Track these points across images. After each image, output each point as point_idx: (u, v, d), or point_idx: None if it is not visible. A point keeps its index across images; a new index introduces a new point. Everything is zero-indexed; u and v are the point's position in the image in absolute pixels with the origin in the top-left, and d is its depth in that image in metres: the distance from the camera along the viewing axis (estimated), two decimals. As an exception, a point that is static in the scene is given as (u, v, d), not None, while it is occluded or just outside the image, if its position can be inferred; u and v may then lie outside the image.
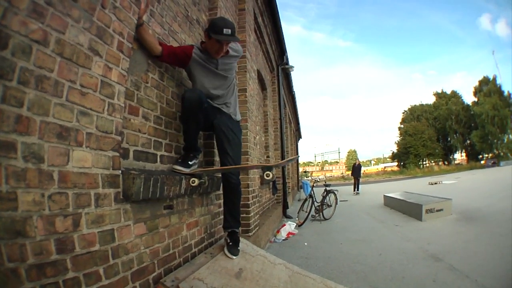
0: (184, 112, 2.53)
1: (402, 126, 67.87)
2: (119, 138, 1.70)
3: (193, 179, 2.48)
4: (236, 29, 2.63)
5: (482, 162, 49.61)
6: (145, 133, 2.25)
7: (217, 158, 3.40)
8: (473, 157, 56.31)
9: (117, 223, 1.65)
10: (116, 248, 1.61)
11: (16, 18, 1.12)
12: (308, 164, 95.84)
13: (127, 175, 1.72)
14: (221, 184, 2.89)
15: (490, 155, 51.75)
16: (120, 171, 1.69)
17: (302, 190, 16.34)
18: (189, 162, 2.59)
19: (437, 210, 7.29)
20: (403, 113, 71.43)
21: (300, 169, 31.44)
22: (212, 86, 2.72)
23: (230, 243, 2.78)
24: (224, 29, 2.42)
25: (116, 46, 1.70)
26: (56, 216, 1.26)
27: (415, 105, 70.17)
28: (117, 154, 1.68)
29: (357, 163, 18.97)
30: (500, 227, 5.62)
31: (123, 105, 1.76)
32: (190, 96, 2.47)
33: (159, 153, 2.44)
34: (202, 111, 2.56)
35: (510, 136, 49.58)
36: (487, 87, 51.75)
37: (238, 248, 2.80)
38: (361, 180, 19.01)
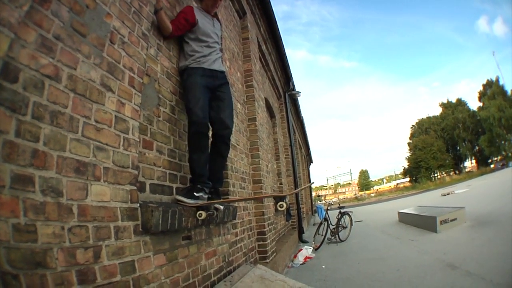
0: (191, 136, 2.50)
1: (411, 141, 67.60)
2: (136, 172, 1.73)
3: (199, 212, 2.30)
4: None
5: (492, 166, 48.79)
6: (160, 167, 2.28)
7: (231, 188, 3.42)
8: (483, 162, 55.59)
9: (137, 254, 1.65)
10: (137, 279, 1.60)
11: (24, 51, 1.15)
12: (321, 188, 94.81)
13: (145, 208, 1.73)
14: (211, 144, 2.77)
15: (499, 157, 50.99)
16: (138, 204, 1.71)
17: (316, 214, 16.10)
18: (195, 194, 2.37)
19: (451, 220, 7.21)
20: (412, 127, 71.79)
21: (313, 194, 31.06)
22: (211, 33, 2.83)
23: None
24: None
25: (128, 81, 1.76)
26: (77, 248, 1.27)
27: (422, 118, 70.65)
28: (135, 188, 1.70)
29: None
30: (511, 228, 5.62)
31: (138, 139, 1.80)
32: (197, 119, 2.45)
33: (174, 186, 2.46)
34: (208, 134, 2.56)
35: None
36: (491, 90, 51.43)
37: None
38: (374, 199, 16.28)
